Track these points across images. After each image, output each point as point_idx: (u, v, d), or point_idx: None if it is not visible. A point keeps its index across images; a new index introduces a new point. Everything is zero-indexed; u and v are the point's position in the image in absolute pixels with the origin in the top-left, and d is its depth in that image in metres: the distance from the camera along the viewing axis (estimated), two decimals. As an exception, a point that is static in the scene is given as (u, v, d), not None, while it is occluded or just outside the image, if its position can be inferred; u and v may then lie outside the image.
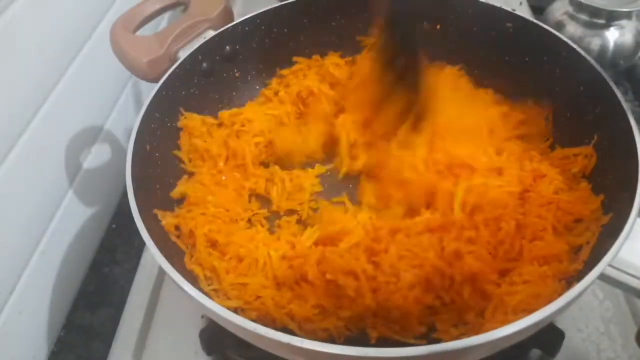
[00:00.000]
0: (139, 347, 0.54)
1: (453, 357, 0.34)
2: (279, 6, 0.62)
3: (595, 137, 0.50)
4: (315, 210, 0.56)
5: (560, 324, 0.50)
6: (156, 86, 0.53)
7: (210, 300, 0.36)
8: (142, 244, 0.64)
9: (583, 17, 0.75)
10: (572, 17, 0.77)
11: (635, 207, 0.38)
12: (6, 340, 0.54)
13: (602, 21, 0.74)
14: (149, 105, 0.51)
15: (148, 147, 0.51)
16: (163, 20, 0.88)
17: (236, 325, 0.35)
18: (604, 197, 0.46)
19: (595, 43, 0.75)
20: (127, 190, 0.44)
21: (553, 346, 0.49)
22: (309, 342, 0.32)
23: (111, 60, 0.57)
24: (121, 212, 0.75)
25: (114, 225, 0.74)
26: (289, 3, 0.63)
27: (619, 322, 0.52)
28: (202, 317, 0.55)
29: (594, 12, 0.74)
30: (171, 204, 0.53)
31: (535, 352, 0.50)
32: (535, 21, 0.57)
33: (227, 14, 0.61)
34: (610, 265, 0.37)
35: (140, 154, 0.48)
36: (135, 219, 0.42)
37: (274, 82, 0.66)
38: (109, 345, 0.55)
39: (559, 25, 0.77)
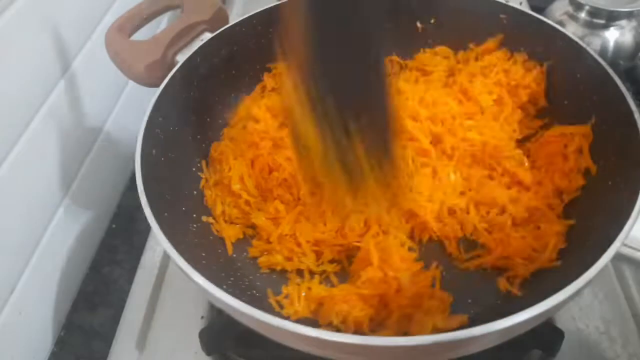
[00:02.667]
0: (139, 347, 0.54)
1: (456, 347, 0.34)
2: (275, 6, 0.62)
3: (594, 118, 0.51)
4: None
5: (560, 323, 0.50)
6: (157, 91, 0.53)
7: (217, 288, 0.36)
8: (142, 243, 0.65)
9: (583, 16, 0.75)
10: (572, 17, 0.77)
11: None
12: (6, 340, 0.54)
13: (602, 21, 0.74)
14: (152, 111, 0.51)
15: (154, 151, 0.51)
16: (162, 22, 0.88)
17: (241, 312, 0.35)
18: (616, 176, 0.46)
19: (595, 43, 0.75)
20: (139, 194, 0.44)
21: (553, 346, 0.49)
22: (316, 330, 0.33)
23: (111, 61, 0.57)
24: (121, 212, 0.75)
25: (114, 225, 0.74)
26: (286, 3, 0.63)
27: (619, 322, 0.52)
28: (202, 317, 0.55)
29: (594, 12, 0.74)
30: (177, 206, 0.53)
31: (535, 353, 0.49)
32: (529, 12, 0.57)
33: (223, 15, 0.61)
34: (624, 245, 0.37)
35: (147, 160, 0.48)
36: (149, 221, 0.42)
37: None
38: (109, 345, 0.55)
39: (559, 25, 0.77)
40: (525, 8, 0.88)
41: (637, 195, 0.39)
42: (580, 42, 0.52)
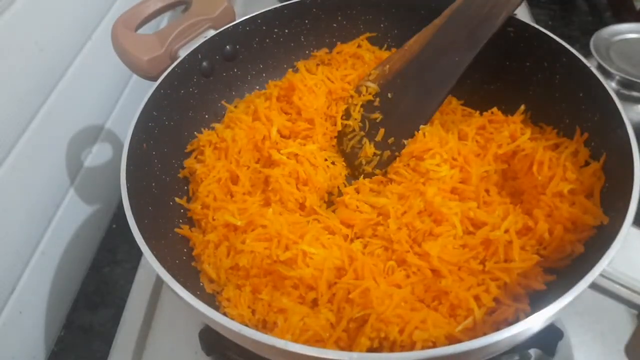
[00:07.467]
0: (139, 347, 0.54)
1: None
2: (280, 7, 0.62)
3: (589, 137, 0.49)
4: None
5: (559, 323, 0.50)
6: (154, 84, 0.53)
7: (209, 308, 0.36)
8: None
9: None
10: None
11: (628, 217, 0.38)
12: (6, 340, 0.54)
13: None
14: (146, 104, 0.51)
15: (145, 145, 0.51)
16: (164, 21, 0.88)
17: (234, 332, 0.35)
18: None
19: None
20: (121, 188, 0.44)
21: (552, 345, 0.49)
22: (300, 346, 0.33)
23: (112, 60, 0.57)
24: (121, 212, 0.74)
25: (114, 225, 0.74)
26: (290, 4, 0.63)
27: (619, 322, 0.52)
28: (203, 317, 0.55)
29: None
30: (167, 203, 0.53)
31: (535, 352, 0.50)
32: (536, 26, 0.56)
33: (229, 14, 0.61)
34: (602, 275, 0.36)
35: (136, 153, 0.48)
36: (127, 217, 0.42)
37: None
38: (109, 345, 0.55)
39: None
40: (529, 20, 0.88)
41: (621, 226, 0.37)
42: (586, 62, 0.49)
